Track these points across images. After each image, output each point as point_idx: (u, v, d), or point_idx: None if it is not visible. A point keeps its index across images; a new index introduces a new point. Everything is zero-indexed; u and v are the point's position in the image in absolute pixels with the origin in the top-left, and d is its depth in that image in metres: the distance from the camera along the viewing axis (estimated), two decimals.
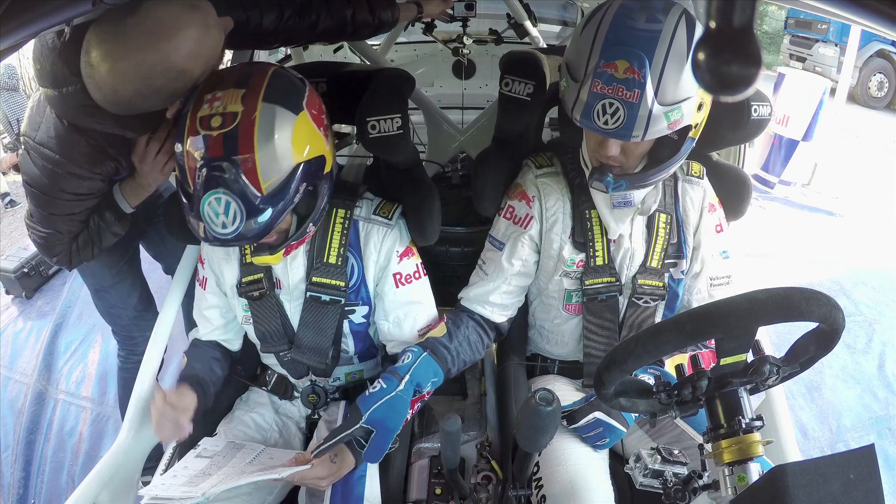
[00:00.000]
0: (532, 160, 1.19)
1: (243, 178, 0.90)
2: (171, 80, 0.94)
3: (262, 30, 1.20)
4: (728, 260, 1.19)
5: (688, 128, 0.97)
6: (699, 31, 0.93)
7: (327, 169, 1.03)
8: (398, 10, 1.43)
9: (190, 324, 1.35)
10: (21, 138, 1.18)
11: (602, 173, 1.02)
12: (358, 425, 1.02)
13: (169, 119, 1.11)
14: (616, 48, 0.91)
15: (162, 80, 0.93)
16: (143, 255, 1.73)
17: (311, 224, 1.04)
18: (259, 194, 0.91)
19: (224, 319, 1.24)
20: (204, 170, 0.90)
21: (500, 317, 1.20)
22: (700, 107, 0.96)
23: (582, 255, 1.15)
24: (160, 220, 1.39)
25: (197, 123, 0.91)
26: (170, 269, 1.83)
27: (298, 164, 0.95)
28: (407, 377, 1.07)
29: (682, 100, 0.92)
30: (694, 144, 1.02)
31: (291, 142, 0.94)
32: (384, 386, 1.06)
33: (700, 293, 1.17)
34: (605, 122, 0.93)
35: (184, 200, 0.96)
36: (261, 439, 1.22)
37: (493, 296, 1.18)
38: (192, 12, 0.93)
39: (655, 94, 0.91)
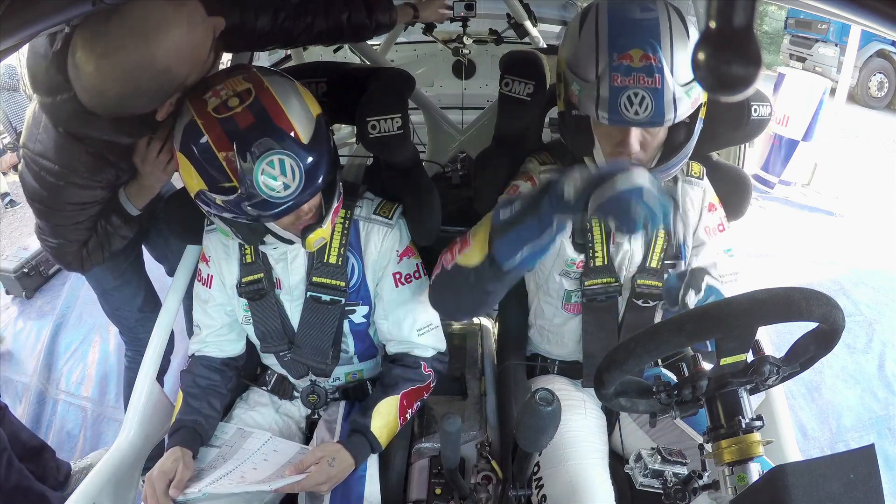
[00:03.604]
0: (535, 157, 1.19)
1: (284, 133, 0.92)
2: (155, 79, 0.93)
3: (257, 32, 1.20)
4: (733, 258, 1.19)
5: (698, 107, 0.97)
6: (684, 13, 0.95)
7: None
8: (396, 12, 1.43)
9: (191, 324, 1.35)
10: (21, 150, 1.18)
11: None
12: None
13: (168, 119, 1.11)
14: (625, 39, 0.91)
15: (145, 79, 0.92)
16: (147, 256, 1.73)
17: (338, 187, 1.07)
18: (304, 143, 0.94)
19: (229, 318, 1.23)
20: (245, 143, 0.90)
21: None
22: None
23: (582, 256, 1.15)
24: (163, 223, 1.38)
25: (213, 113, 0.92)
26: (173, 271, 1.84)
27: (319, 115, 1.00)
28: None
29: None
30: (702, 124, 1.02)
31: (304, 97, 0.99)
32: None
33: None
34: (636, 113, 0.91)
35: (223, 198, 0.94)
36: None
37: None
38: (176, 10, 0.93)
39: (672, 75, 0.91)
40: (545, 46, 2.35)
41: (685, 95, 0.92)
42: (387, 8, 1.39)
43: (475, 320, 1.77)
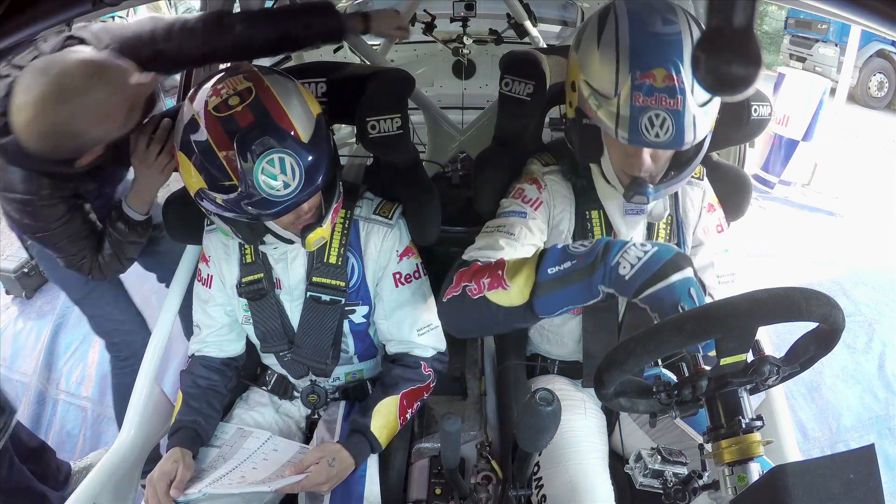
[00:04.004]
0: (537, 158, 1.19)
1: (284, 131, 0.93)
2: (69, 141, 1.02)
3: (185, 57, 1.25)
4: (731, 258, 1.19)
5: None
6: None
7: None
8: (344, 22, 1.39)
9: (187, 325, 1.35)
10: None
11: (641, 186, 0.97)
12: None
13: (168, 120, 1.12)
14: (648, 57, 0.89)
15: (63, 140, 1.00)
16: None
17: (338, 187, 1.07)
18: (304, 142, 0.94)
19: (229, 318, 1.23)
20: (245, 142, 0.90)
21: None
22: None
23: None
24: (162, 223, 1.39)
25: (214, 112, 0.92)
26: (164, 279, 1.84)
27: (319, 114, 1.00)
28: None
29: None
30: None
31: (304, 96, 1.00)
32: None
33: (709, 290, 1.17)
34: (657, 136, 0.89)
35: (223, 197, 0.94)
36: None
37: (517, 257, 1.05)
38: (94, 77, 1.00)
39: (692, 95, 0.89)
40: (545, 46, 2.35)
41: (704, 116, 0.90)
42: (330, 20, 1.37)
43: None
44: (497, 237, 1.04)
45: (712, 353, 0.77)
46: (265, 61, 2.73)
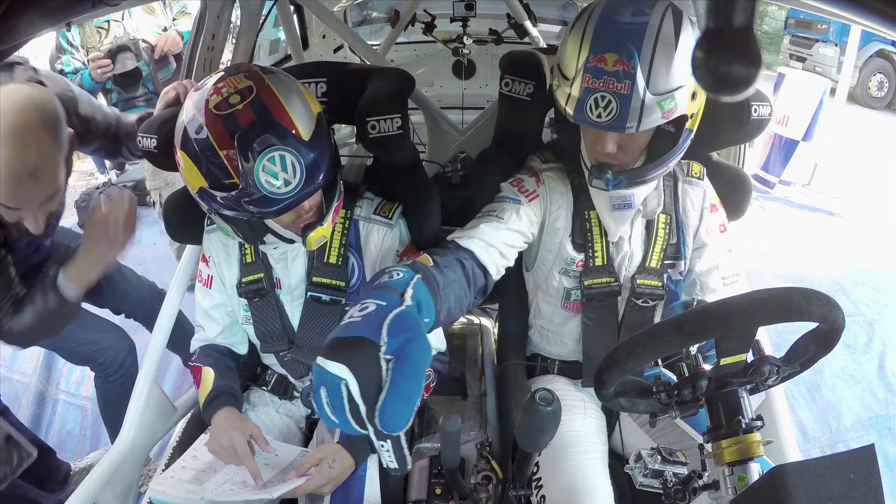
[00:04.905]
0: (538, 155, 1.20)
1: (285, 129, 0.92)
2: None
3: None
4: (734, 259, 1.19)
5: (684, 119, 0.97)
6: (686, 21, 0.94)
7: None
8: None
9: (175, 340, 1.36)
10: None
11: (601, 170, 1.01)
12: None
13: (131, 193, 1.17)
14: (604, 42, 0.92)
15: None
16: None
17: (339, 186, 1.07)
18: (305, 140, 0.94)
19: (230, 319, 1.23)
20: (246, 140, 0.90)
21: (494, 265, 1.03)
22: (694, 95, 0.95)
23: (582, 255, 1.15)
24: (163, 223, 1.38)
25: (215, 110, 0.92)
26: (119, 311, 1.83)
27: (319, 113, 1.00)
28: (409, 292, 0.72)
29: (675, 88, 0.92)
30: (692, 136, 1.02)
31: (305, 95, 0.99)
32: (381, 304, 0.68)
33: (715, 293, 1.17)
34: (599, 116, 0.93)
35: (224, 195, 0.94)
36: None
37: (500, 239, 1.05)
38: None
39: (647, 84, 0.91)
40: (545, 46, 2.35)
41: (656, 106, 0.92)
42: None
43: (475, 320, 1.77)
44: (480, 222, 1.07)
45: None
46: (264, 61, 2.73)
